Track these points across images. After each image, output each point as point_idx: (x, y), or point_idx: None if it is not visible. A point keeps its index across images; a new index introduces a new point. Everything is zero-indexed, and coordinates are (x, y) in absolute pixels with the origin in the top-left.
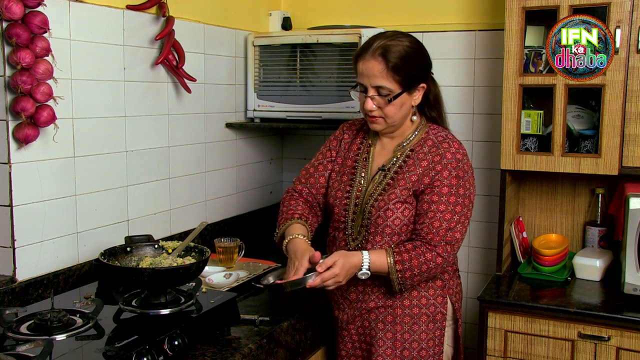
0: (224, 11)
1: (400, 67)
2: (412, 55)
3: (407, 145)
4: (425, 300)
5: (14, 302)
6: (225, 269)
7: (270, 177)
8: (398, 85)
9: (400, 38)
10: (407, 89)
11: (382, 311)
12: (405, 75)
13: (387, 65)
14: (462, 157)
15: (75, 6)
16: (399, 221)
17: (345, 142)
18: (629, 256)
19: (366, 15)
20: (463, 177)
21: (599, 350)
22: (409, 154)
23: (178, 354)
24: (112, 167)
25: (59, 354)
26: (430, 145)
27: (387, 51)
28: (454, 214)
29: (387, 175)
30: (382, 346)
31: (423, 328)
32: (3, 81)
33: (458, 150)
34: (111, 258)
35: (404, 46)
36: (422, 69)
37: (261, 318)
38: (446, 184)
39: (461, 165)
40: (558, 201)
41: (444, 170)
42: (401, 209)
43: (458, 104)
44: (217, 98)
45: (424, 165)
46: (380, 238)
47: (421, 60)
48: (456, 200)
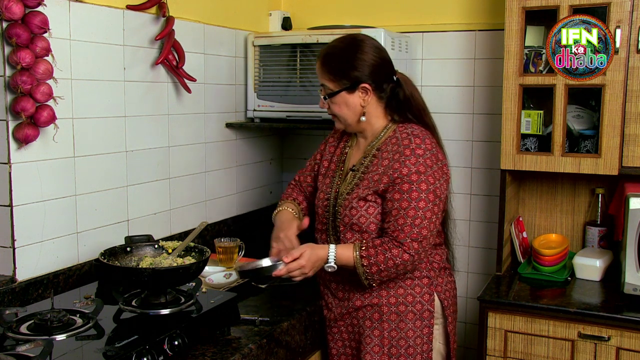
0: (224, 11)
1: (333, 66)
2: (346, 56)
3: (375, 145)
4: (412, 297)
5: (14, 302)
6: (225, 269)
7: (270, 177)
8: (335, 84)
9: (344, 39)
10: (345, 88)
11: (369, 309)
12: (338, 73)
13: (324, 65)
14: (423, 152)
15: (75, 6)
16: (364, 219)
17: (330, 146)
18: (629, 256)
19: (366, 15)
20: (425, 172)
21: (599, 350)
22: (375, 154)
23: (178, 354)
24: (112, 167)
25: (59, 354)
26: (394, 143)
27: (326, 52)
28: (417, 210)
29: (356, 175)
30: (370, 344)
31: (410, 325)
32: (3, 81)
33: (419, 145)
34: (111, 258)
35: (341, 47)
36: (361, 69)
37: (261, 318)
38: (406, 181)
39: (422, 161)
40: (558, 201)
41: (403, 167)
42: (365, 207)
43: (458, 104)
44: (217, 98)
45: (385, 164)
46: (350, 235)
47: (359, 61)
48: (418, 196)
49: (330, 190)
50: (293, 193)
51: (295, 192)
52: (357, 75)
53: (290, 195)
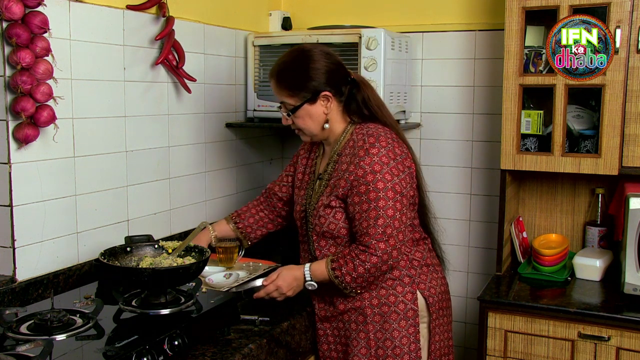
0: (224, 11)
1: (290, 83)
2: (300, 69)
3: (336, 150)
4: (394, 297)
5: (14, 302)
6: (225, 269)
7: (270, 177)
8: (294, 99)
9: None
10: (306, 100)
11: (353, 312)
12: (296, 88)
13: (279, 83)
14: (377, 150)
15: (75, 6)
16: (334, 225)
17: (301, 158)
18: (629, 256)
19: (366, 15)
20: (381, 170)
21: (599, 350)
22: (336, 159)
23: (178, 354)
24: (112, 167)
25: (59, 354)
26: (351, 146)
27: (279, 70)
28: (377, 210)
29: (322, 183)
30: (357, 346)
31: (395, 326)
32: (3, 81)
33: (373, 144)
34: (111, 258)
35: (292, 62)
36: (318, 79)
37: (261, 318)
38: (363, 182)
39: (377, 159)
40: (558, 201)
41: (358, 169)
42: (331, 213)
43: (458, 104)
44: (217, 98)
45: (343, 168)
46: (324, 243)
47: (314, 71)
48: (377, 195)
49: (305, 201)
50: (245, 207)
51: (251, 204)
52: (315, 85)
53: (239, 210)
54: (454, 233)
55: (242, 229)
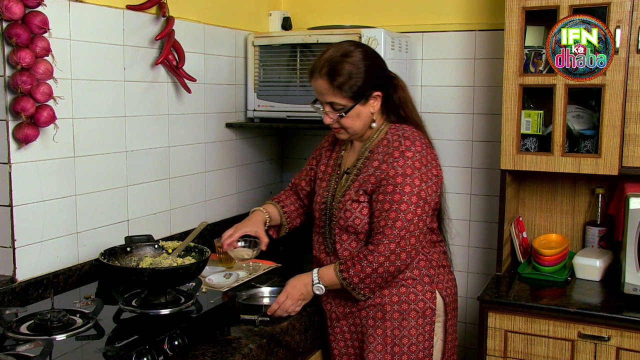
0: (224, 11)
1: (345, 84)
2: (357, 69)
3: (368, 147)
4: (414, 296)
5: (14, 302)
6: (225, 269)
7: (270, 177)
8: (348, 100)
9: (346, 52)
10: (359, 101)
11: (372, 308)
12: (352, 89)
13: (333, 83)
14: (412, 154)
15: (75, 6)
16: (359, 220)
17: (325, 150)
18: (629, 256)
19: (366, 15)
20: (411, 174)
21: (599, 350)
22: (368, 155)
23: (178, 354)
24: (112, 167)
25: (59, 354)
26: (385, 145)
27: (332, 69)
28: (398, 212)
29: (349, 177)
30: (373, 342)
31: (412, 324)
32: (3, 81)
33: (409, 147)
34: (111, 258)
35: (348, 62)
36: (371, 79)
37: (261, 318)
38: (391, 183)
39: (410, 163)
40: (558, 201)
41: (390, 169)
42: (358, 208)
43: (458, 104)
44: (217, 98)
45: (375, 165)
46: (346, 237)
47: (369, 72)
48: (401, 198)
49: (327, 193)
50: (282, 196)
51: (285, 195)
52: (369, 86)
53: (278, 197)
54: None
55: (287, 214)
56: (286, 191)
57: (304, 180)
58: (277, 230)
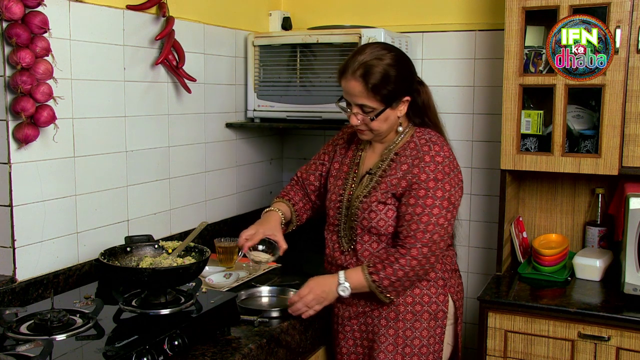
0: (224, 11)
1: (381, 87)
2: (393, 73)
3: (392, 149)
4: (428, 298)
5: (14, 302)
6: (225, 269)
7: (270, 177)
8: (380, 103)
9: (382, 55)
10: (390, 105)
11: (385, 308)
12: (386, 93)
13: (367, 86)
14: (442, 159)
15: (75, 6)
16: (383, 222)
17: (340, 147)
18: (629, 256)
19: (366, 15)
20: (442, 179)
21: (599, 350)
22: (393, 158)
23: (178, 354)
24: (112, 167)
25: (59, 354)
26: (412, 148)
27: (367, 72)
28: (430, 216)
29: (373, 178)
30: (384, 342)
31: (425, 325)
32: (3, 81)
33: (438, 152)
34: (111, 258)
35: (384, 65)
36: (404, 84)
37: (261, 319)
38: (423, 187)
39: (440, 168)
40: (558, 201)
41: (422, 173)
42: (384, 210)
43: (458, 104)
44: (217, 98)
45: (404, 168)
46: (368, 237)
47: (402, 76)
48: (433, 202)
49: (343, 192)
50: (291, 192)
51: (293, 191)
52: (402, 91)
53: (287, 193)
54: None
55: (297, 211)
56: (293, 186)
57: (313, 175)
58: (285, 227)
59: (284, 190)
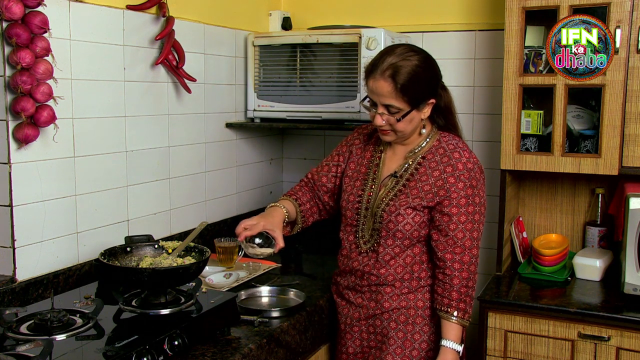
0: (224, 11)
1: (409, 88)
2: (422, 75)
3: (418, 152)
4: None
5: (14, 302)
6: (225, 269)
7: (270, 177)
8: (407, 104)
9: (411, 57)
10: (416, 107)
11: (395, 312)
12: (414, 95)
13: (396, 86)
14: (473, 166)
15: (75, 6)
16: (409, 226)
17: (356, 148)
18: (629, 256)
19: (366, 15)
20: (476, 186)
21: (599, 350)
22: (420, 162)
23: (178, 354)
24: (112, 167)
25: (59, 354)
26: (442, 153)
27: (396, 72)
28: (473, 222)
29: (399, 181)
30: (393, 345)
31: (433, 329)
32: (3, 81)
33: (469, 159)
34: (111, 258)
35: (413, 66)
36: (431, 86)
37: (260, 319)
38: (463, 195)
39: (473, 175)
40: (558, 201)
41: (458, 182)
42: (412, 214)
43: (458, 104)
44: (217, 98)
45: (436, 175)
46: (392, 241)
47: (430, 78)
48: (474, 209)
49: (362, 193)
50: (299, 192)
51: (302, 191)
52: (428, 93)
53: (295, 193)
54: None
55: (303, 212)
56: (302, 187)
57: (325, 176)
58: (290, 227)
59: (291, 190)
